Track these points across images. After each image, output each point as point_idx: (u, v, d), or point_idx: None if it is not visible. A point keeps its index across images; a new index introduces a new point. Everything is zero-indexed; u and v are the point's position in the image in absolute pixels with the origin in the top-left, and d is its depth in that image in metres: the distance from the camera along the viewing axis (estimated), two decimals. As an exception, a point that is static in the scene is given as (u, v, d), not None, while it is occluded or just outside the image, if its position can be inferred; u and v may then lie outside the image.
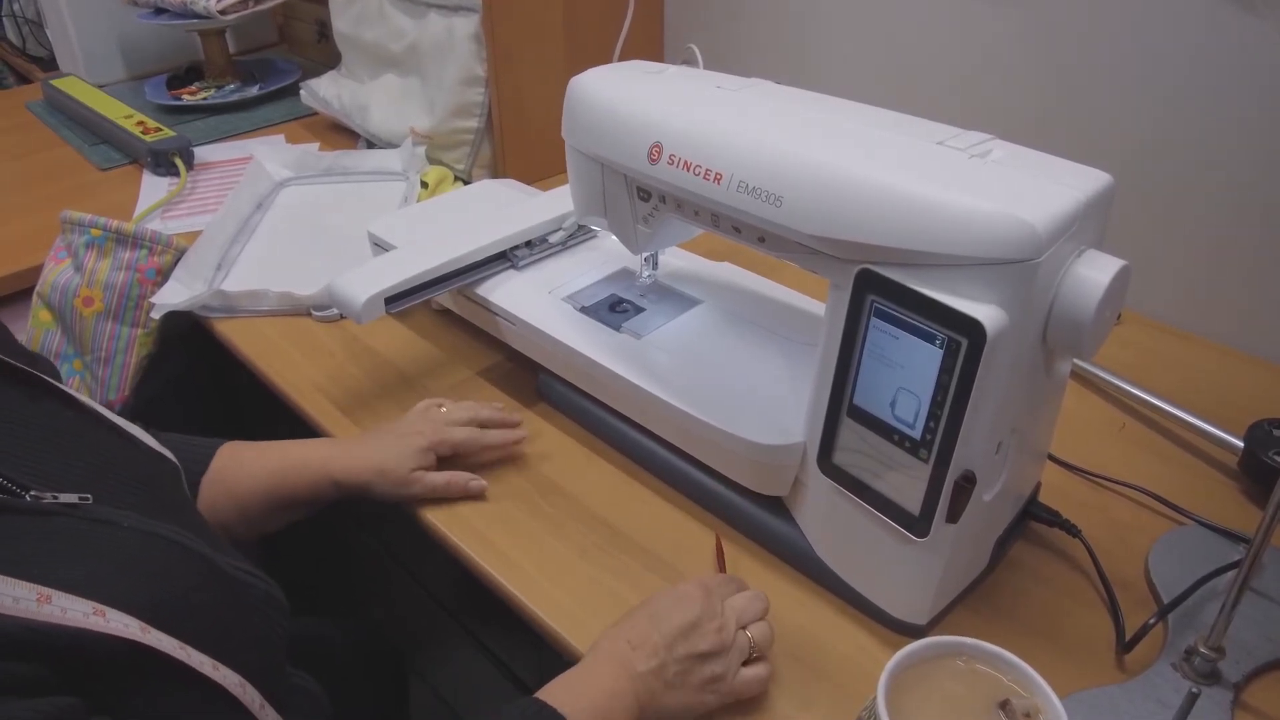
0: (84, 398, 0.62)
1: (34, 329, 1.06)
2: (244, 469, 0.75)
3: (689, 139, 0.66)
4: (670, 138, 0.67)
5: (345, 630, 1.00)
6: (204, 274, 1.04)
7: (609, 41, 1.28)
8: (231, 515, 0.74)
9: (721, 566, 0.71)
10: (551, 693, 0.56)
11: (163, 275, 1.05)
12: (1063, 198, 0.53)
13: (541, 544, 0.73)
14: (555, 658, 0.67)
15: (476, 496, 0.77)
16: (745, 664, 0.60)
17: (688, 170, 0.65)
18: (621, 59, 1.26)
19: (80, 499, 0.52)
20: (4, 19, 1.90)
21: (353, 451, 0.76)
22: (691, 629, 0.59)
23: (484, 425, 0.80)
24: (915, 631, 0.65)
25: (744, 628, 0.61)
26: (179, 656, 0.48)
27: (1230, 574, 0.65)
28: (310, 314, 1.01)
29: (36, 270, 1.06)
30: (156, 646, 0.47)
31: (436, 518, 0.75)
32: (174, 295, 1.02)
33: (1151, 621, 0.64)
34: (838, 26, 1.17)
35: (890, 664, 0.51)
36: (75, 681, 0.44)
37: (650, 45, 1.37)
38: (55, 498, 0.50)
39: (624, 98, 0.71)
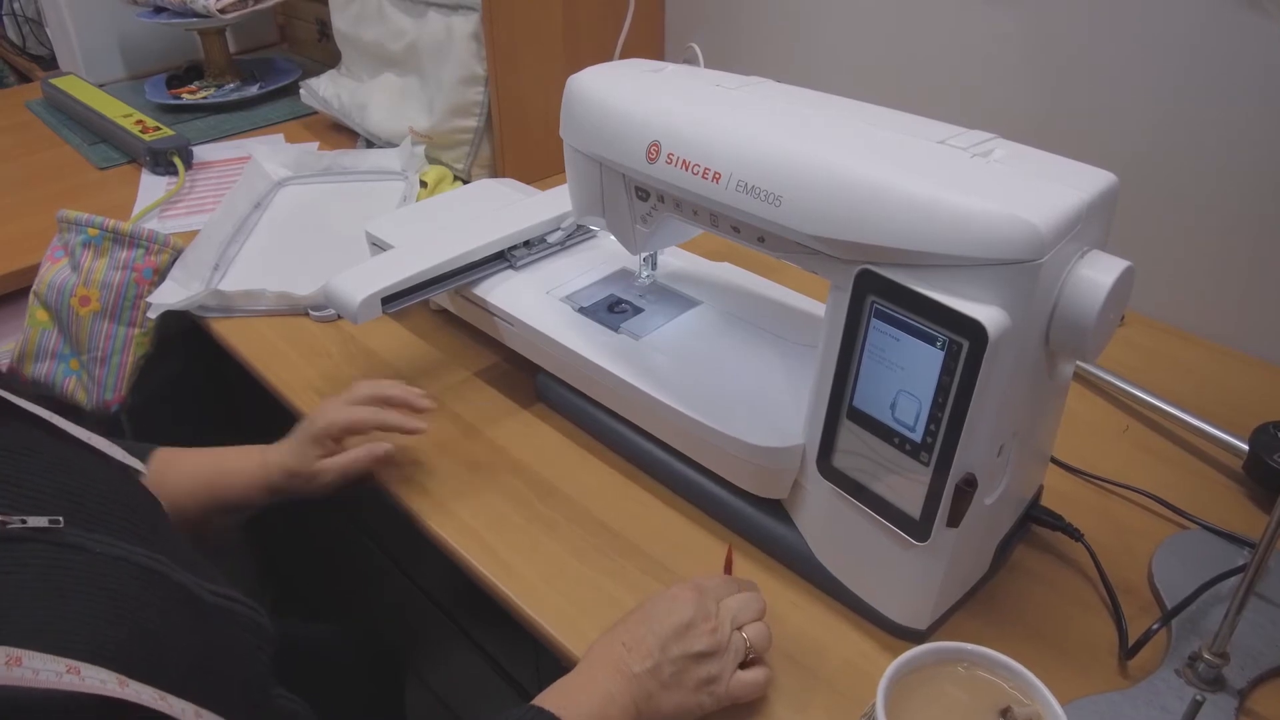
0: (45, 413, 0.60)
1: (30, 328, 1.05)
2: (179, 475, 0.76)
3: (687, 138, 0.65)
4: (668, 136, 0.66)
5: (342, 632, 1.00)
6: (201, 274, 1.04)
7: (609, 41, 1.28)
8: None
9: (728, 573, 0.70)
10: (548, 699, 0.56)
11: (160, 275, 1.05)
12: (1066, 198, 0.53)
13: (538, 546, 0.72)
14: (552, 659, 0.66)
15: (386, 460, 0.77)
16: (742, 666, 0.60)
17: (686, 169, 0.65)
18: (622, 58, 1.26)
19: (51, 522, 0.50)
20: (4, 17, 1.90)
21: (270, 456, 0.77)
22: (686, 629, 0.58)
23: (389, 401, 0.79)
24: (915, 636, 0.64)
25: (740, 629, 0.60)
26: (159, 708, 0.46)
27: (1235, 579, 0.65)
28: (308, 314, 1.01)
29: (33, 269, 1.06)
30: (136, 700, 0.45)
31: (433, 520, 0.75)
32: (171, 295, 1.01)
33: (1155, 627, 0.63)
34: (839, 25, 1.16)
35: (890, 670, 0.51)
36: None
37: (651, 44, 1.37)
38: (24, 522, 0.49)
39: (622, 96, 0.71)
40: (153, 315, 1.00)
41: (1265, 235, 0.89)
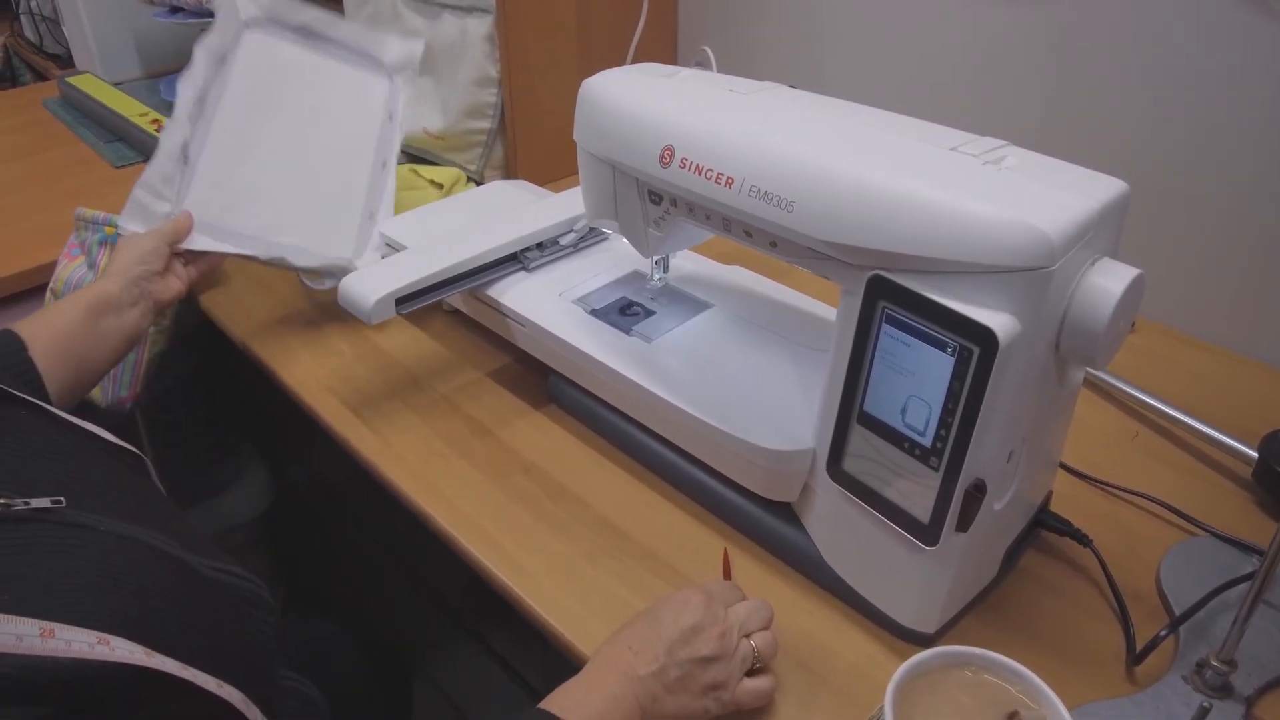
0: (37, 399, 0.61)
1: (47, 325, 1.06)
2: (52, 333, 0.77)
3: (701, 142, 0.66)
4: (682, 141, 0.67)
5: (351, 631, 1.00)
6: (167, 193, 0.95)
7: (622, 43, 1.28)
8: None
9: (728, 578, 0.70)
10: (552, 702, 0.56)
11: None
12: (1077, 205, 0.53)
13: (549, 547, 0.73)
14: (561, 660, 0.66)
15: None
16: (749, 674, 0.60)
17: (699, 174, 0.65)
18: (635, 61, 1.26)
19: (53, 503, 0.51)
20: (21, 16, 1.91)
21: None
22: (692, 633, 0.58)
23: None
24: (923, 640, 0.65)
25: (747, 636, 0.60)
26: (185, 676, 0.48)
27: (1243, 586, 0.65)
28: (299, 276, 0.97)
29: (50, 267, 1.07)
30: (162, 669, 0.46)
31: (444, 519, 0.75)
32: (136, 220, 0.94)
33: (1163, 633, 0.63)
34: (852, 30, 1.16)
35: (898, 673, 0.51)
36: (83, 714, 0.43)
37: (663, 47, 1.37)
38: (27, 503, 0.50)
39: (636, 100, 0.71)
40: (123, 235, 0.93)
41: (1277, 241, 0.89)
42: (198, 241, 0.92)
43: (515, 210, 0.96)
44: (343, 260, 0.98)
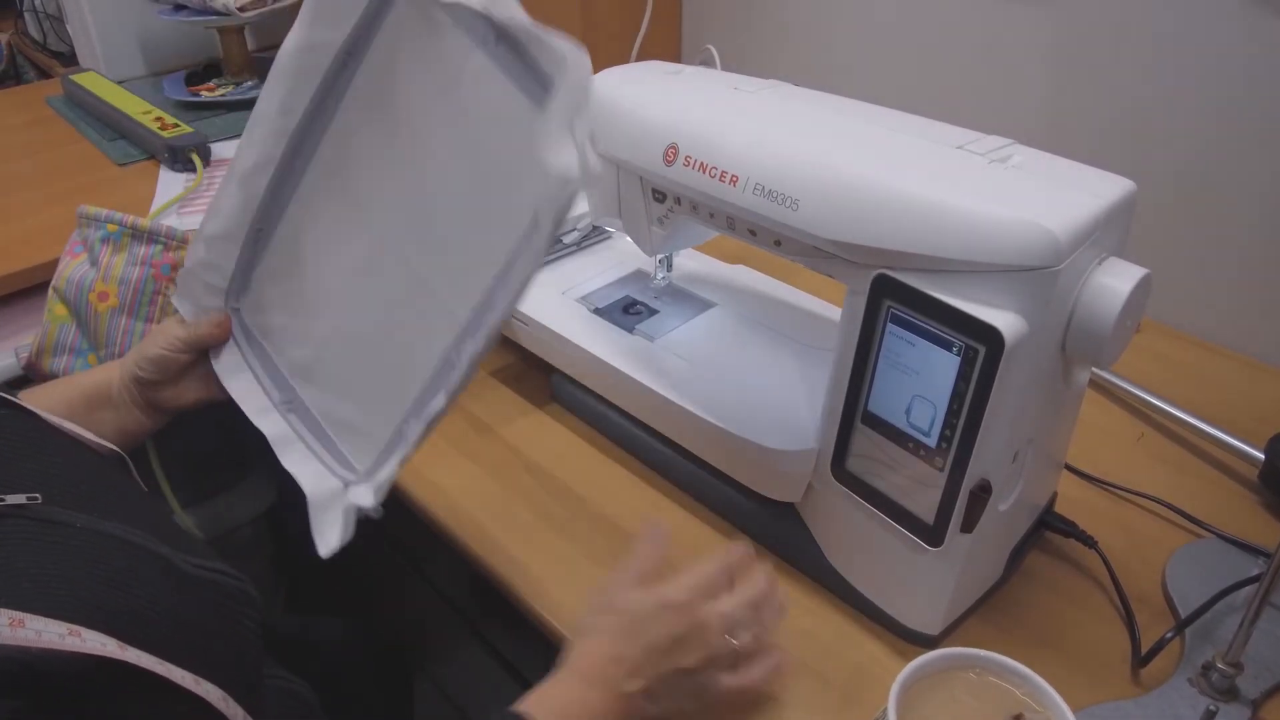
0: (13, 396, 0.61)
1: (49, 323, 1.06)
2: (51, 404, 0.71)
3: (705, 141, 0.65)
4: (686, 139, 0.66)
5: (351, 628, 1.00)
6: (216, 281, 0.75)
7: (626, 42, 1.28)
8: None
9: None
10: (533, 706, 0.56)
11: (178, 271, 1.05)
12: (1084, 205, 0.53)
13: (551, 545, 0.73)
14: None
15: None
16: (740, 667, 0.59)
17: (703, 172, 0.65)
18: (639, 59, 1.26)
19: (29, 499, 0.51)
20: (25, 14, 1.92)
21: (128, 357, 0.75)
22: (675, 645, 0.57)
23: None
24: (927, 642, 0.64)
25: (733, 633, 0.58)
26: (160, 671, 0.47)
27: (1249, 588, 0.65)
28: None
29: (53, 264, 1.06)
30: (137, 663, 0.46)
31: (446, 517, 0.75)
32: (183, 301, 0.80)
33: (1168, 636, 0.63)
34: (857, 28, 1.16)
35: (902, 675, 0.51)
36: (54, 706, 0.43)
37: (668, 46, 1.37)
38: (2, 499, 0.49)
39: (640, 98, 0.71)
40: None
41: (1283, 243, 0.89)
42: (222, 362, 0.74)
43: (518, 209, 0.95)
44: (342, 483, 0.69)
